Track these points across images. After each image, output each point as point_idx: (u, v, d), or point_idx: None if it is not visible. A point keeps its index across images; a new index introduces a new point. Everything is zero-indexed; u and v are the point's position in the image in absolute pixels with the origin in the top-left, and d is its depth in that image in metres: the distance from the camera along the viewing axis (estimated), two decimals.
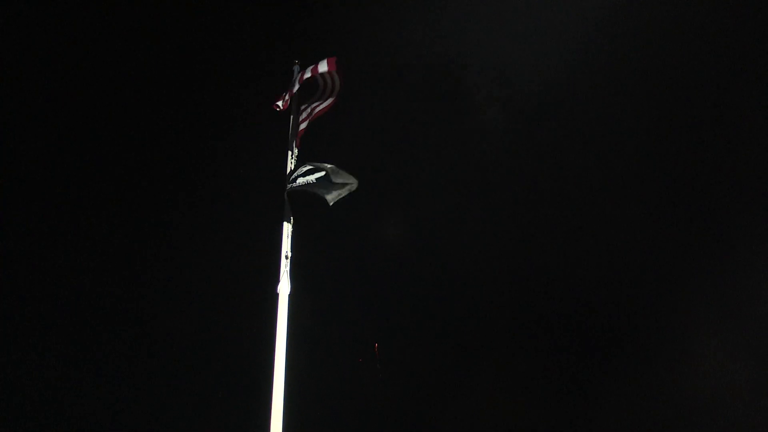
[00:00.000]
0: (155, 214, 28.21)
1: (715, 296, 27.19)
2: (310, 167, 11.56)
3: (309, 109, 13.12)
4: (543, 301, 29.41)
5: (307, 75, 13.10)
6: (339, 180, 11.37)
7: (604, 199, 29.73)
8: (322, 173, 11.31)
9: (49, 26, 27.62)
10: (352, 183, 11.50)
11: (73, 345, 26.52)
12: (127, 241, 28.02)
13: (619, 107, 29.39)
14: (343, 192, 11.42)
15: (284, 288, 11.35)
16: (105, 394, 25.88)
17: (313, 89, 13.56)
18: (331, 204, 11.37)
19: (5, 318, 25.85)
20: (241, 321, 25.68)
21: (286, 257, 11.36)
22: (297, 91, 13.16)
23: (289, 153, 12.52)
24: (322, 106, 13.24)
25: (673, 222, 29.16)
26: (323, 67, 13.13)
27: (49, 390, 25.79)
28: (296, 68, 13.68)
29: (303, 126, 12.77)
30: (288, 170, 11.98)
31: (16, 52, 27.44)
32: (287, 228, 11.77)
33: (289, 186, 11.44)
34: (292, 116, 12.87)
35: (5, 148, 27.26)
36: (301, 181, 11.31)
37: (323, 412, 25.95)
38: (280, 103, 12.60)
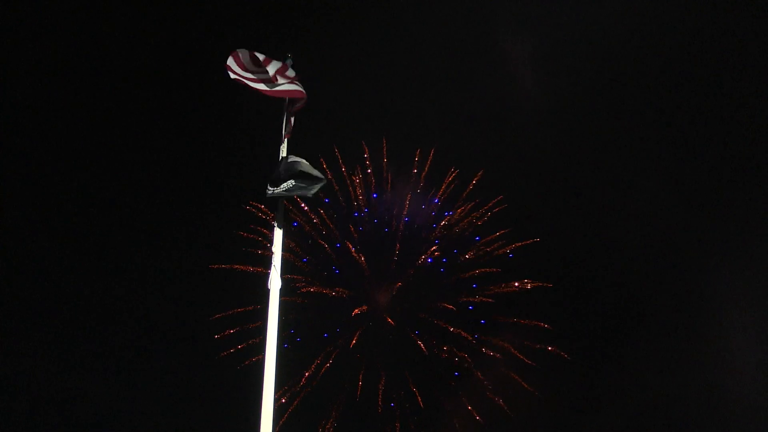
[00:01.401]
0: (151, 212, 28.27)
1: (745, 278, 27.26)
2: (287, 165, 11.57)
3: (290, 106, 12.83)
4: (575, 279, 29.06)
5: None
6: (312, 175, 11.48)
7: (635, 180, 29.66)
8: (297, 176, 11.39)
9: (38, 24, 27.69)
10: (323, 180, 11.62)
11: (69, 342, 26.62)
12: (122, 241, 28.12)
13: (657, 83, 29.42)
14: (316, 187, 11.51)
15: (275, 283, 11.32)
16: (101, 392, 25.98)
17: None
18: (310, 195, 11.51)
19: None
20: (232, 315, 25.84)
21: (273, 252, 11.31)
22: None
23: (281, 148, 12.45)
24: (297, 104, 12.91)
25: (709, 204, 29.11)
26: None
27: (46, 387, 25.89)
28: (289, 62, 13.47)
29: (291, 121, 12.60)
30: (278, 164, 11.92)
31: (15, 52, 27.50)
32: (278, 225, 11.72)
33: (272, 190, 11.39)
34: (285, 114, 12.73)
35: (5, 148, 27.36)
36: (284, 186, 11.33)
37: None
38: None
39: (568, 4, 28.54)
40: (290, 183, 11.47)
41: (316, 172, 11.62)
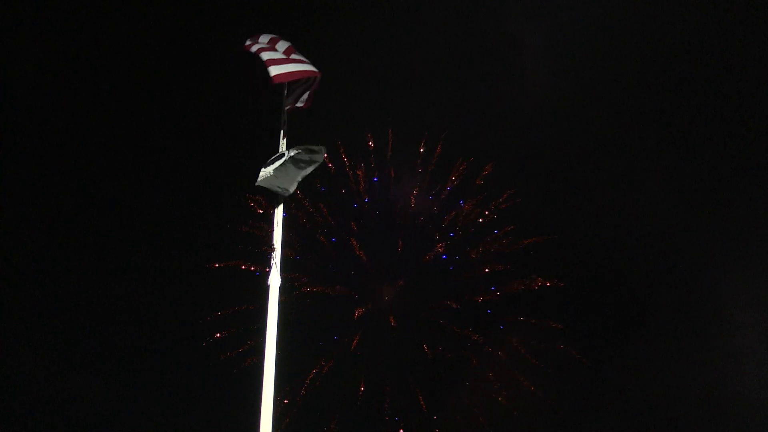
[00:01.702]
0: (149, 211, 28.18)
1: (749, 277, 27.15)
2: (277, 155, 11.32)
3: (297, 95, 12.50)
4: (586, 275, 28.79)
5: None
6: (304, 158, 11.21)
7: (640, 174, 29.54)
8: (281, 161, 11.11)
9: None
10: (319, 153, 11.34)
11: (69, 342, 26.57)
12: (117, 236, 28.06)
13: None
14: (310, 168, 11.24)
15: (274, 280, 11.18)
16: (101, 392, 25.93)
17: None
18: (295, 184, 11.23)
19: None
20: (233, 309, 25.73)
21: (273, 249, 11.15)
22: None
23: (281, 135, 12.24)
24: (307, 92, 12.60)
25: (714, 202, 28.96)
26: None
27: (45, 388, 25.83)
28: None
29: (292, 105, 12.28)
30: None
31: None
32: (277, 220, 11.56)
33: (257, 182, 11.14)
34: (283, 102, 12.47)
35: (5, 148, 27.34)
36: (263, 174, 11.03)
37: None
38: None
39: None
40: (269, 171, 11.19)
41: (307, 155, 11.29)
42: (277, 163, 11.02)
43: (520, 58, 30.03)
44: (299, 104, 12.22)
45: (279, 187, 11.09)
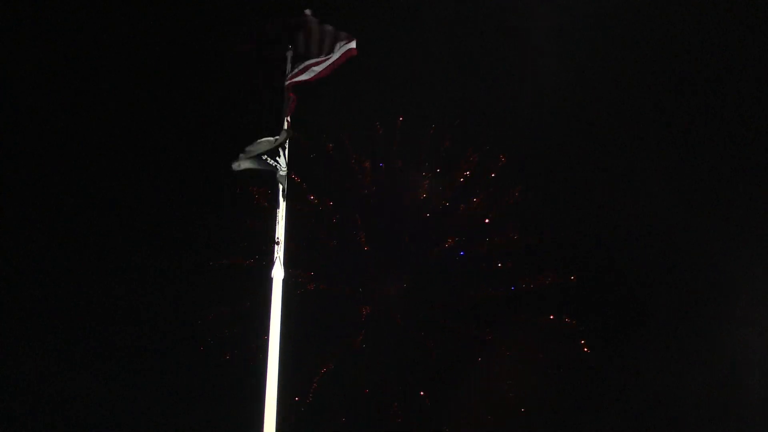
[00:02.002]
0: (150, 210, 28.12)
1: (755, 274, 27.13)
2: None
3: (302, 70, 12.06)
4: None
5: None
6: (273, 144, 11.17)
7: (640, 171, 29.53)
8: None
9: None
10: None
11: (69, 342, 26.51)
12: (117, 236, 28.00)
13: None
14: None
15: (278, 273, 11.12)
16: (101, 392, 25.86)
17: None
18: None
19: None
20: (235, 307, 25.71)
21: (277, 243, 11.08)
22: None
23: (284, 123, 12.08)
24: (320, 68, 12.10)
25: (717, 199, 28.95)
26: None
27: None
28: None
29: (297, 78, 11.87)
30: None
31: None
32: (281, 212, 11.50)
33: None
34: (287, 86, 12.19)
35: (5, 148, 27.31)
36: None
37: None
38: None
39: None
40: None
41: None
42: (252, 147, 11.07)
43: (522, 57, 30.04)
44: (305, 77, 11.80)
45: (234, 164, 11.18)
